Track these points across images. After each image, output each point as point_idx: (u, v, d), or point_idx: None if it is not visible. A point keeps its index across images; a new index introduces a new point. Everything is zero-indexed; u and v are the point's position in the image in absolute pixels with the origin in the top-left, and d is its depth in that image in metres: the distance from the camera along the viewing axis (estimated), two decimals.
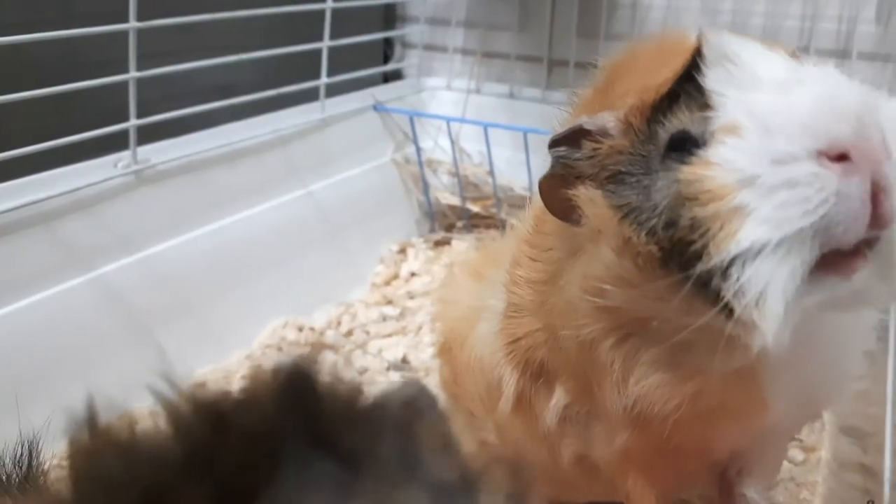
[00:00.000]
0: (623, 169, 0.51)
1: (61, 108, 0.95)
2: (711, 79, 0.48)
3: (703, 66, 0.49)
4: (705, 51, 0.49)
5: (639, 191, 0.50)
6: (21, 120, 0.89)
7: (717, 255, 0.44)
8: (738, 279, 0.43)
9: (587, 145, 0.53)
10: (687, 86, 0.50)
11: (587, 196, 0.52)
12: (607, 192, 0.51)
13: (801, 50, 1.31)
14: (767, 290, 0.43)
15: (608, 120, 0.53)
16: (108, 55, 0.98)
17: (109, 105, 0.98)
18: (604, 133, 0.53)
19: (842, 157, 0.43)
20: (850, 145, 0.43)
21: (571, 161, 0.54)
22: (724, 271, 0.44)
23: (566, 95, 0.63)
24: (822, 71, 0.48)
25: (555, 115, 0.61)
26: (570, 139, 0.54)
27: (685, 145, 0.48)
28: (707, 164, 0.46)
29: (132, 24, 0.94)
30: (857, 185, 0.43)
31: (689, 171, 0.46)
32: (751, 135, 0.45)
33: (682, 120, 0.49)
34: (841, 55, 1.30)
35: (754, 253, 0.43)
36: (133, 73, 0.96)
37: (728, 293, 0.44)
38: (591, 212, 0.52)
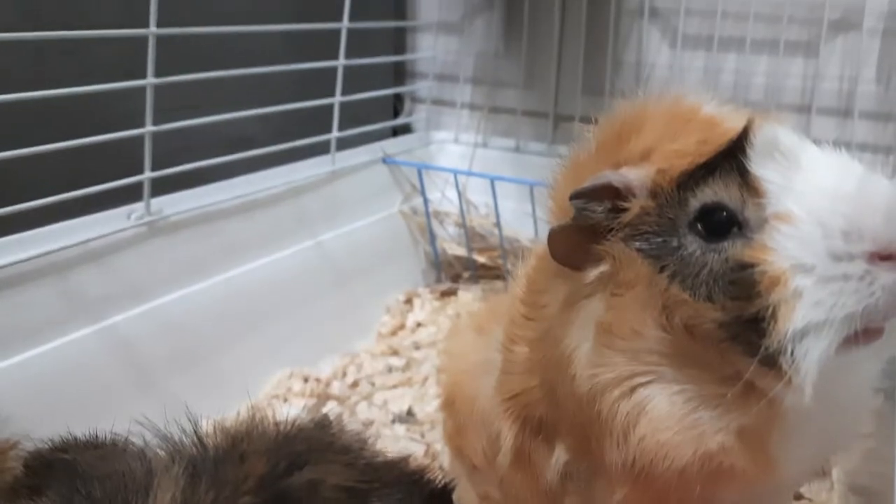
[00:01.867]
0: (649, 229, 0.55)
1: (77, 159, 0.97)
2: (759, 164, 0.54)
3: (749, 150, 0.54)
4: (754, 137, 0.54)
5: (669, 251, 0.54)
6: (37, 171, 0.91)
7: (777, 333, 0.50)
8: (790, 351, 0.50)
9: (611, 201, 0.56)
10: (723, 161, 0.55)
11: (621, 251, 0.55)
12: (639, 250, 0.55)
13: (804, 109, 1.34)
14: (809, 358, 0.50)
15: (633, 178, 0.56)
16: (124, 108, 1.00)
17: (124, 156, 1.01)
18: (629, 191, 0.56)
19: (889, 257, 0.51)
20: None
21: (594, 214, 0.57)
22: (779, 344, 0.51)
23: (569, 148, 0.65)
24: (865, 172, 0.54)
25: (555, 167, 0.63)
26: (596, 194, 0.57)
27: (724, 221, 0.54)
28: (765, 248, 0.52)
29: (150, 80, 0.97)
30: None
31: (749, 254, 0.52)
32: (806, 227, 0.52)
33: (716, 192, 0.54)
34: (843, 114, 1.33)
35: (806, 330, 0.50)
36: (149, 128, 0.99)
37: (782, 362, 0.50)
38: (625, 265, 0.55)
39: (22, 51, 1.00)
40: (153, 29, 0.96)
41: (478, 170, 1.53)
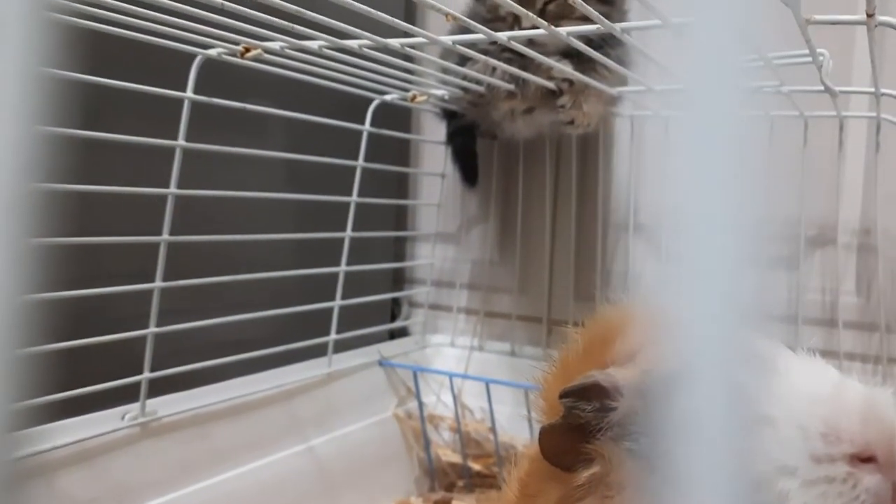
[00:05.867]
0: (637, 429, 0.55)
1: (74, 358, 0.98)
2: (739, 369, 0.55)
3: None
4: None
5: (658, 452, 0.53)
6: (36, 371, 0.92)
7: None
8: None
9: (600, 400, 0.57)
10: None
11: (611, 451, 0.56)
12: (628, 450, 0.55)
13: (792, 320, 1.38)
14: None
15: (620, 378, 0.57)
16: (124, 311, 1.03)
17: (119, 357, 1.02)
18: (617, 391, 0.57)
19: (870, 459, 0.52)
20: (880, 451, 0.52)
21: (583, 413, 0.58)
22: None
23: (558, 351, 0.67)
24: (840, 376, 0.57)
25: (545, 367, 0.65)
26: (585, 393, 0.58)
27: None
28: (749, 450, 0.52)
29: (157, 283, 1.02)
30: (884, 484, 0.52)
31: None
32: (786, 430, 0.53)
33: None
34: (828, 324, 1.36)
35: None
36: (153, 329, 1.02)
37: None
38: (615, 466, 0.55)
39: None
40: (166, 236, 1.02)
41: (473, 373, 1.54)
